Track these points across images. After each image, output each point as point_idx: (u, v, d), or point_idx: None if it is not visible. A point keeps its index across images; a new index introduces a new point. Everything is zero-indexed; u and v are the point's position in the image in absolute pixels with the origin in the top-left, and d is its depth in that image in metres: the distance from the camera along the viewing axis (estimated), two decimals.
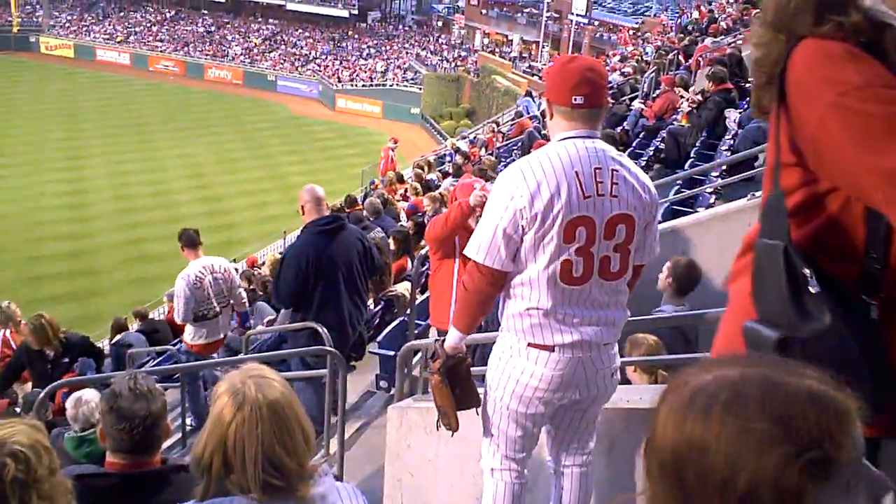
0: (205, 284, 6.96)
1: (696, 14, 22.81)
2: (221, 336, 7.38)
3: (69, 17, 64.05)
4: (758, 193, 5.54)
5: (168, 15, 65.00)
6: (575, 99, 2.73)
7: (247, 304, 8.11)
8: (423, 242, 9.04)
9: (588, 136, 2.77)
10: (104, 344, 17.07)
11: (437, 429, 3.29)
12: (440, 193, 10.87)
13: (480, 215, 3.02)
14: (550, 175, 2.67)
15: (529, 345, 2.82)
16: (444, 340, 3.14)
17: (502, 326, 2.94)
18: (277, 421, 1.98)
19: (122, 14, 65.12)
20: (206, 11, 64.72)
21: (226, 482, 1.98)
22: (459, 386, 3.18)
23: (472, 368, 3.29)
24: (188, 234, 7.18)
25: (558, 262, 2.70)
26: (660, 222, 5.92)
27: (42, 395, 4.69)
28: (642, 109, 12.77)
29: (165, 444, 7.43)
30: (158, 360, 9.55)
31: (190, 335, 7.23)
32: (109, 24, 63.38)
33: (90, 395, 4.91)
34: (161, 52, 59.42)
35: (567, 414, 3.07)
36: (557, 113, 2.80)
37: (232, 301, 7.43)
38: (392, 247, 9.28)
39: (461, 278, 3.22)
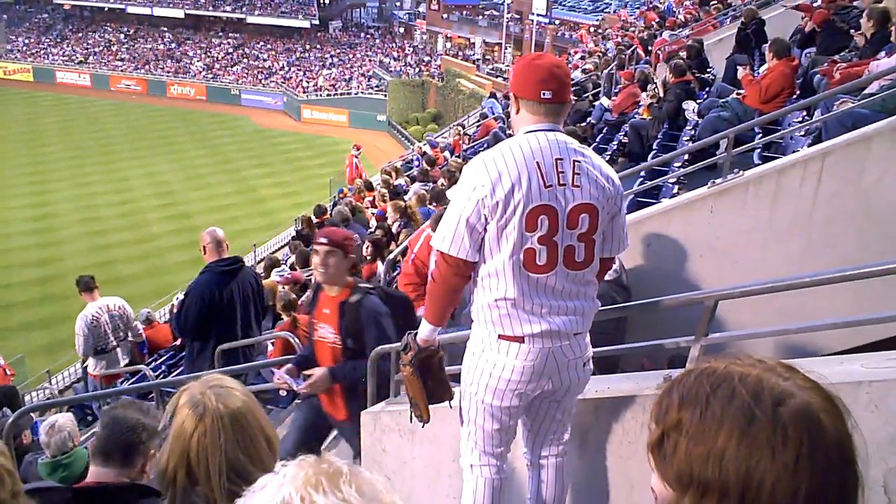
0: (101, 322, 7.91)
1: (641, 19, 22.81)
2: (122, 366, 8.23)
3: (26, 41, 63.15)
4: (718, 181, 5.62)
5: (127, 33, 64.31)
6: (543, 94, 2.79)
7: (143, 337, 9.29)
8: (391, 247, 9.05)
9: (551, 130, 2.82)
10: (76, 368, 16.88)
11: (410, 421, 3.30)
12: (404, 204, 10.93)
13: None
14: (512, 165, 2.72)
15: (500, 337, 2.86)
16: (416, 333, 3.16)
17: (474, 319, 2.97)
18: (240, 430, 1.97)
19: (80, 35, 64.32)
20: (165, 28, 64.06)
21: (191, 494, 1.97)
22: (431, 378, 3.21)
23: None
24: (84, 280, 8.22)
25: (522, 251, 2.74)
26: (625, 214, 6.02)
27: (10, 420, 4.64)
28: (608, 105, 12.81)
29: None
30: (132, 379, 9.45)
31: (92, 366, 8.04)
32: (68, 46, 62.59)
33: (63, 422, 4.86)
34: (122, 71, 58.82)
35: (542, 405, 3.10)
36: (524, 107, 2.85)
37: (130, 335, 8.56)
38: (367, 252, 9.27)
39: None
